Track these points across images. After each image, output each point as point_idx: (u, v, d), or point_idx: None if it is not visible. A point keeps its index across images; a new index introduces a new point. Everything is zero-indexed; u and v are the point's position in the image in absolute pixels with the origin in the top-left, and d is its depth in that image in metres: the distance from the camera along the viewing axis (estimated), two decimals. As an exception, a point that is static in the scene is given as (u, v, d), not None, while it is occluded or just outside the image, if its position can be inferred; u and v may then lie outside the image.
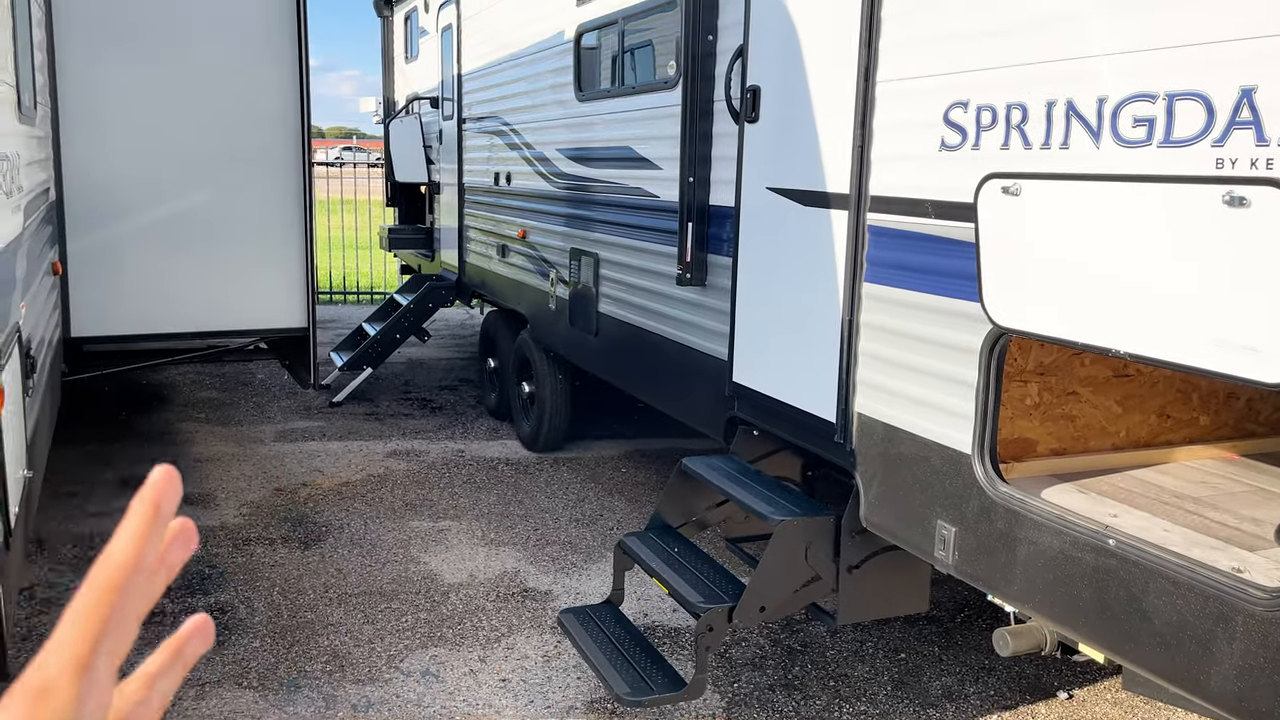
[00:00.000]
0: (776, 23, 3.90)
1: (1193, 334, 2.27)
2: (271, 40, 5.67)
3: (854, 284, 3.50)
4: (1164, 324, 2.34)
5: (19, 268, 3.11)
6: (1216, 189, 2.15)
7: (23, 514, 3.05)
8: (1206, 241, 2.22)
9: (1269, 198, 2.05)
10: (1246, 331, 2.15)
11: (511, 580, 5.22)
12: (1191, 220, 2.23)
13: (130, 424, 7.94)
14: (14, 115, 3.23)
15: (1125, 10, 2.47)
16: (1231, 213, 2.13)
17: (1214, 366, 2.23)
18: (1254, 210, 2.08)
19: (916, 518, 3.27)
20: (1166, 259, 2.32)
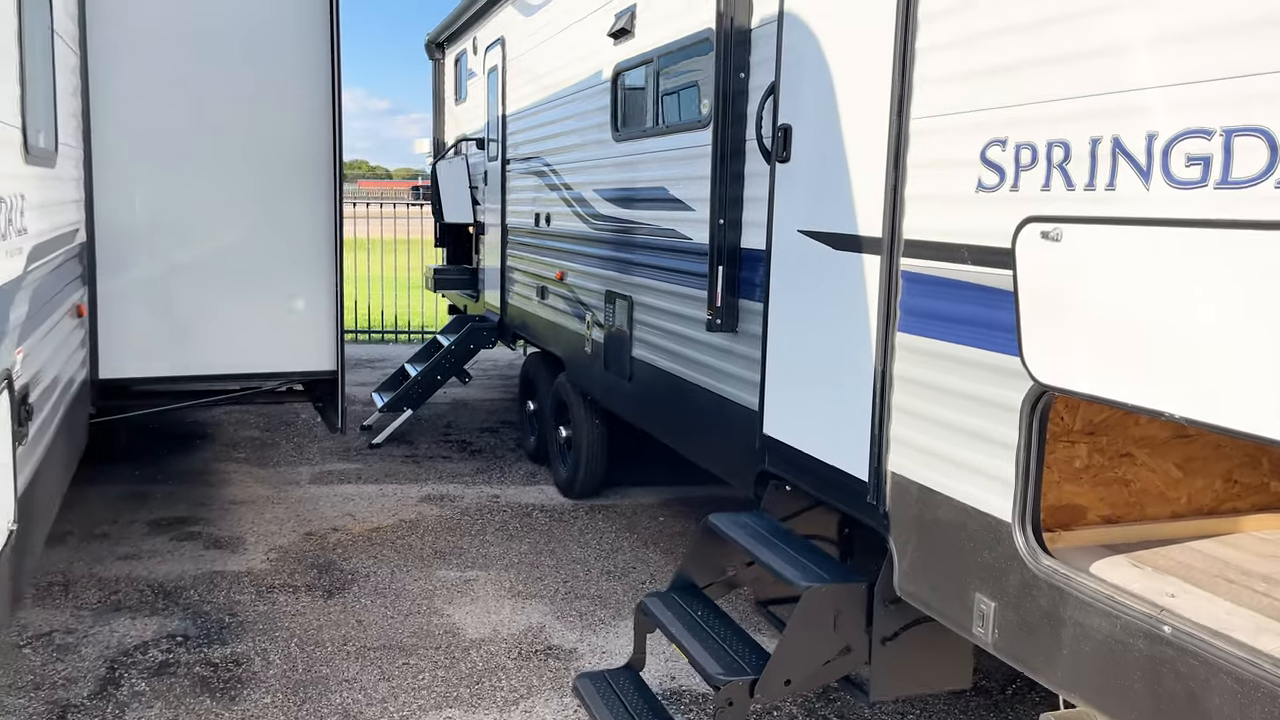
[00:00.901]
0: (808, 58, 3.72)
1: (1255, 398, 2.00)
2: (305, 85, 5.64)
3: (887, 333, 3.27)
4: (1222, 386, 2.08)
5: (15, 313, 3.03)
6: (1273, 235, 1.90)
7: (7, 568, 2.93)
8: (1268, 294, 1.96)
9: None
10: (1317, 397, 1.89)
11: (535, 636, 5.01)
12: (1252, 270, 1.98)
13: (170, 463, 7.93)
14: (19, 156, 3.16)
15: (1176, 39, 2.24)
16: (1297, 262, 1.87)
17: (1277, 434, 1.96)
18: (1324, 260, 1.83)
19: (953, 589, 3.00)
20: (1224, 313, 2.06)
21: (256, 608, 5.32)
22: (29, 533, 3.21)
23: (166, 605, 5.31)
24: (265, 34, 5.63)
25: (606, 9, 5.91)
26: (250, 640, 4.93)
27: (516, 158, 8.00)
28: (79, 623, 5.09)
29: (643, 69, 5.42)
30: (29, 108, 3.23)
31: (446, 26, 10.48)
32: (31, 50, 3.36)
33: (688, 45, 4.85)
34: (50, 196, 3.87)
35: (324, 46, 5.66)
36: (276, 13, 5.64)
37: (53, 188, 3.94)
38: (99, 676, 4.53)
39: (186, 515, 6.73)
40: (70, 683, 4.46)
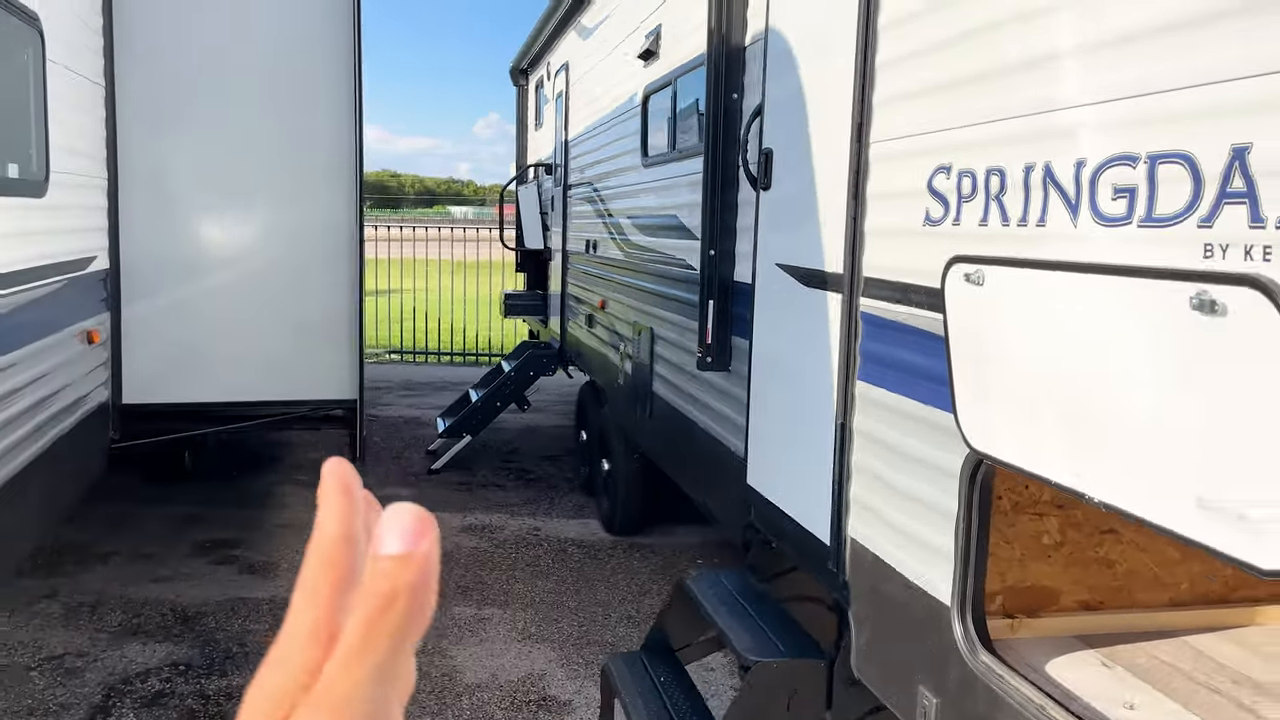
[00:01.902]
0: (788, 77, 3.41)
1: (1172, 488, 1.62)
2: (328, 116, 5.64)
3: (847, 381, 2.93)
4: (1139, 469, 1.69)
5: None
6: (1185, 287, 1.52)
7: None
8: (1179, 360, 1.57)
9: (1250, 304, 1.40)
10: (1233, 491, 1.49)
11: (534, 685, 4.79)
12: (1160, 329, 1.60)
13: (232, 485, 8.06)
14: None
15: (1102, 45, 1.87)
16: (1203, 321, 1.49)
17: (1198, 536, 1.57)
18: (1231, 320, 1.44)
19: (901, 677, 2.63)
20: (1135, 380, 1.68)
21: (267, 639, 5.20)
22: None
23: (182, 632, 5.32)
24: (290, 67, 5.65)
25: (639, 31, 5.70)
26: (248, 673, 4.82)
27: (574, 183, 7.87)
28: (93, 646, 5.14)
29: (666, 91, 5.19)
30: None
31: (525, 53, 10.48)
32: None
33: (696, 66, 4.58)
34: (31, 226, 3.90)
35: (347, 78, 5.65)
36: (301, 46, 5.65)
37: (36, 218, 3.98)
38: (93, 704, 4.54)
39: (231, 538, 6.78)
40: (64, 709, 4.48)
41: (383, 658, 0.40)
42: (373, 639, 0.39)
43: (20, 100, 3.81)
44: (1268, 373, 1.38)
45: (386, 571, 0.40)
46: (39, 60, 3.97)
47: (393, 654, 0.40)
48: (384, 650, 0.40)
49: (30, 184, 3.90)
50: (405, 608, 0.40)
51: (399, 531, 0.41)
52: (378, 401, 11.67)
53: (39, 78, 3.97)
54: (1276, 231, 1.48)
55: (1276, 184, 1.48)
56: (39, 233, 3.96)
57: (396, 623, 0.40)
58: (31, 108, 3.91)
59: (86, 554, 6.38)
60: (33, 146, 3.92)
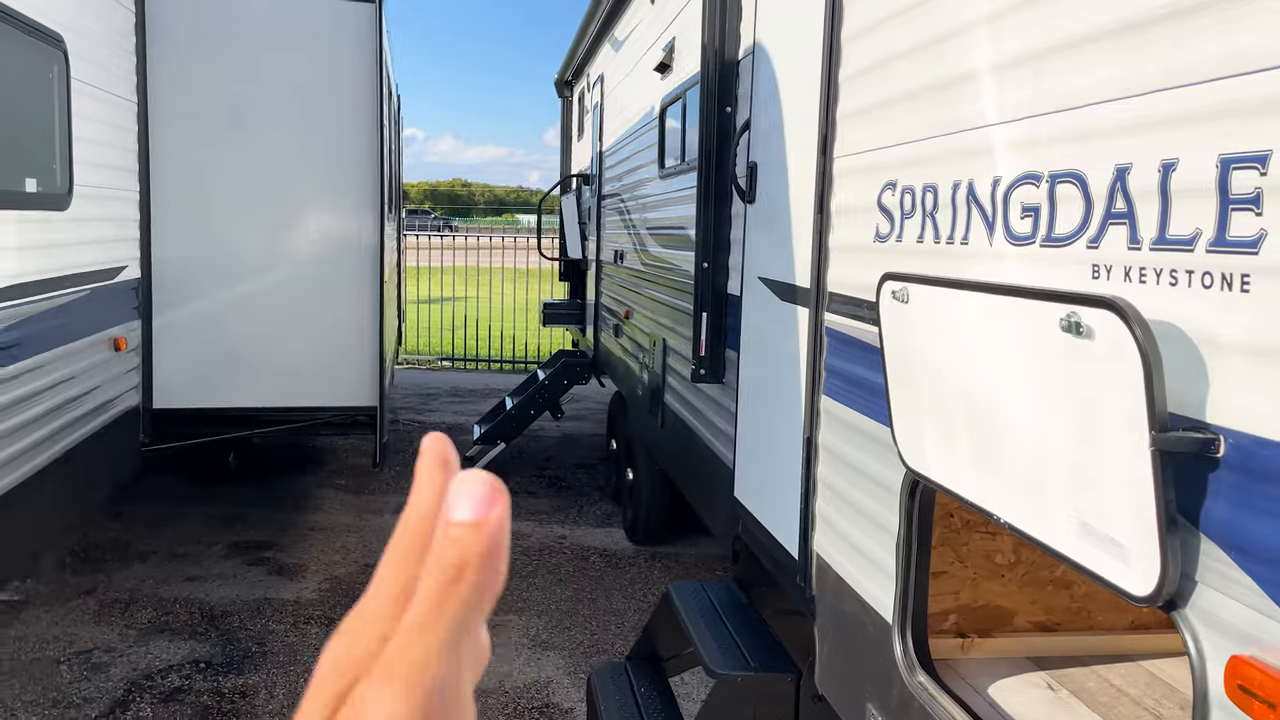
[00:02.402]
0: (769, 91, 3.42)
1: (1058, 511, 1.60)
2: (352, 132, 5.80)
3: (814, 396, 2.92)
4: (1032, 491, 1.68)
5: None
6: (1057, 309, 1.50)
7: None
8: (1054, 381, 1.56)
9: (1108, 326, 1.39)
10: (1104, 515, 1.48)
11: (539, 693, 4.83)
12: (1039, 350, 1.58)
13: (272, 487, 8.27)
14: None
15: (1009, 64, 1.85)
16: (1072, 343, 1.47)
17: (1080, 559, 1.55)
18: (1096, 343, 1.43)
19: (854, 694, 2.62)
20: (1022, 400, 1.67)
21: (286, 638, 5.41)
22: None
23: (207, 630, 5.48)
24: (316, 86, 5.82)
25: (658, 44, 5.74)
26: (265, 672, 5.01)
27: (606, 193, 7.93)
28: (121, 641, 5.33)
29: (678, 104, 5.21)
30: None
31: (568, 64, 10.59)
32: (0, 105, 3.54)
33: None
34: (53, 238, 4.08)
35: (371, 96, 5.79)
36: (327, 67, 5.82)
37: (59, 230, 4.16)
38: (114, 699, 4.70)
39: (265, 540, 6.97)
40: (86, 703, 4.65)
41: (453, 625, 0.39)
42: (444, 606, 0.38)
43: (43, 118, 4.00)
44: (1123, 396, 1.36)
45: (458, 538, 0.39)
46: (63, 79, 4.16)
47: (464, 622, 0.39)
48: (455, 618, 0.39)
49: (52, 197, 4.09)
50: (476, 575, 0.39)
51: (471, 498, 0.40)
52: (424, 408, 11.87)
53: (63, 96, 4.15)
54: (1150, 254, 1.46)
55: (1152, 205, 1.46)
56: (61, 244, 4.15)
57: (468, 590, 0.39)
58: (55, 125, 4.10)
59: (128, 552, 6.61)
60: (56, 162, 4.11)
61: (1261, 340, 1.26)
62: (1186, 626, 1.38)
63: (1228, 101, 1.32)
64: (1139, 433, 1.35)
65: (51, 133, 4.06)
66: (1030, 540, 1.70)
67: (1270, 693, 1.22)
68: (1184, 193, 1.40)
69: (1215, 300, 1.33)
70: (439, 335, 16.48)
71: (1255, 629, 1.27)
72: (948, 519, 2.51)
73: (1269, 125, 1.25)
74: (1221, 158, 1.32)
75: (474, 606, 0.39)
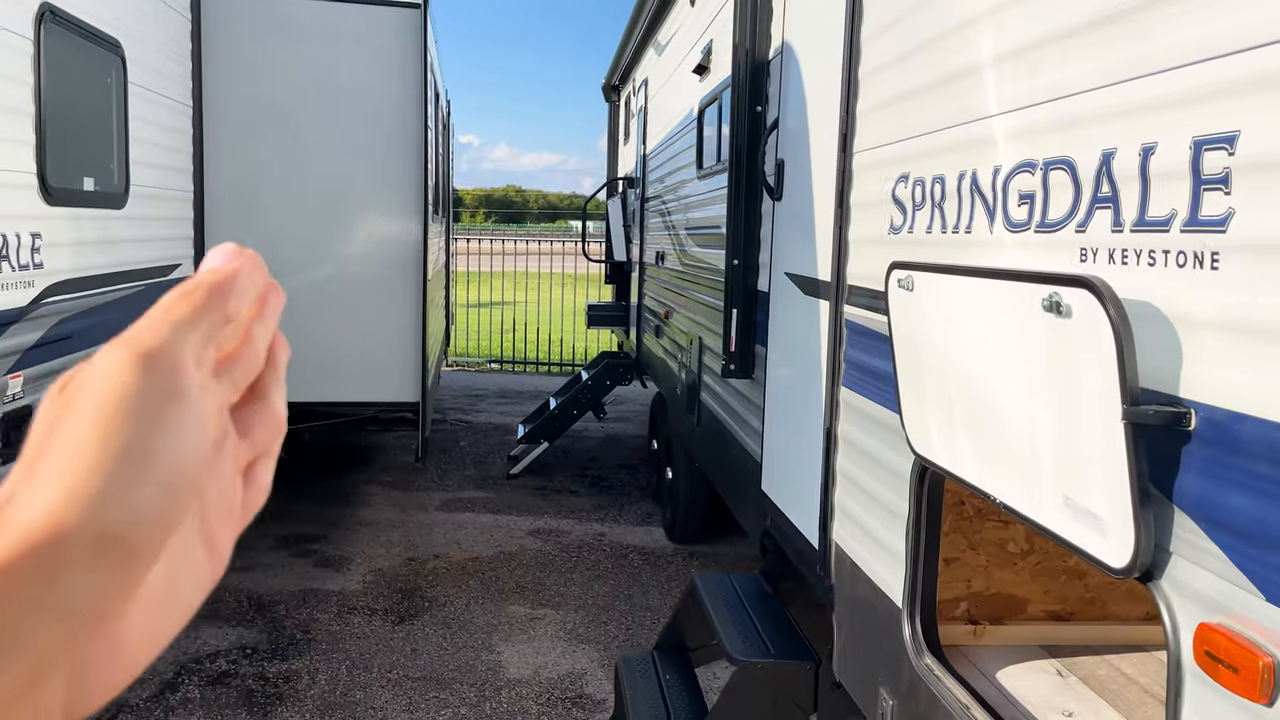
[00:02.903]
0: (796, 89, 3.48)
1: (1045, 486, 1.64)
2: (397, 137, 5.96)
3: (834, 387, 2.97)
4: (1021, 468, 1.72)
5: (12, 341, 3.35)
6: (1040, 290, 1.55)
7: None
8: (1040, 359, 1.60)
9: (1085, 305, 1.43)
10: (1085, 489, 1.52)
11: (572, 684, 4.92)
12: (1027, 330, 1.63)
13: (321, 483, 8.47)
14: (36, 200, 3.51)
15: (1012, 56, 1.90)
16: (1056, 323, 1.52)
17: (1065, 534, 1.59)
18: (1074, 321, 1.47)
19: (868, 679, 2.66)
20: (1012, 380, 1.71)
21: (330, 627, 5.55)
22: None
23: (254, 617, 5.65)
24: (363, 92, 5.99)
25: (696, 47, 5.82)
26: (309, 659, 5.15)
27: (649, 196, 8.02)
28: (173, 627, 5.51)
29: (715, 105, 5.28)
30: (50, 158, 3.58)
31: (614, 69, 10.70)
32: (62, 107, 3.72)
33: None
34: (110, 235, 4.27)
35: (416, 103, 5.95)
36: (373, 74, 5.98)
37: (116, 228, 4.34)
38: (163, 680, 4.88)
39: (313, 533, 7.15)
40: (138, 684, 4.83)
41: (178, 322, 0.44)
42: (173, 310, 0.44)
43: (102, 119, 4.19)
44: (1099, 372, 1.41)
45: (198, 275, 0.47)
46: (120, 83, 4.35)
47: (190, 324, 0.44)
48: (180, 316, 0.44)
49: (109, 196, 4.27)
50: (204, 295, 0.45)
51: (217, 256, 0.49)
52: (471, 408, 12.05)
53: (120, 99, 4.34)
54: (1131, 235, 1.50)
55: (1134, 189, 1.50)
56: (118, 241, 4.33)
57: (197, 301, 0.45)
58: (114, 126, 4.29)
59: (181, 543, 6.83)
60: (113, 162, 4.29)
61: (1230, 316, 1.30)
62: (1160, 596, 1.42)
63: (1200, 85, 1.36)
64: (1113, 406, 1.39)
65: (109, 134, 4.24)
66: (1022, 519, 1.74)
67: (1234, 658, 1.25)
68: (1162, 175, 1.44)
69: (1188, 278, 1.37)
70: (488, 338, 16.69)
71: (1223, 597, 1.31)
72: (959, 507, 2.55)
73: (1236, 106, 1.29)
74: (1195, 140, 1.36)
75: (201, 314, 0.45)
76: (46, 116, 3.53)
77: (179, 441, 0.43)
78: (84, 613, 0.40)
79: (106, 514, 0.41)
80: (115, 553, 0.41)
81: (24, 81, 3.45)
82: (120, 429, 0.41)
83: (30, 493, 0.41)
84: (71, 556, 0.40)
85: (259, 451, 0.53)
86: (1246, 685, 1.23)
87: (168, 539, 0.43)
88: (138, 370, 0.42)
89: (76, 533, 0.40)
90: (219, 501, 0.50)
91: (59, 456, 0.41)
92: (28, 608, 0.39)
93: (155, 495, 0.42)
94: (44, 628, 0.39)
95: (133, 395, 0.42)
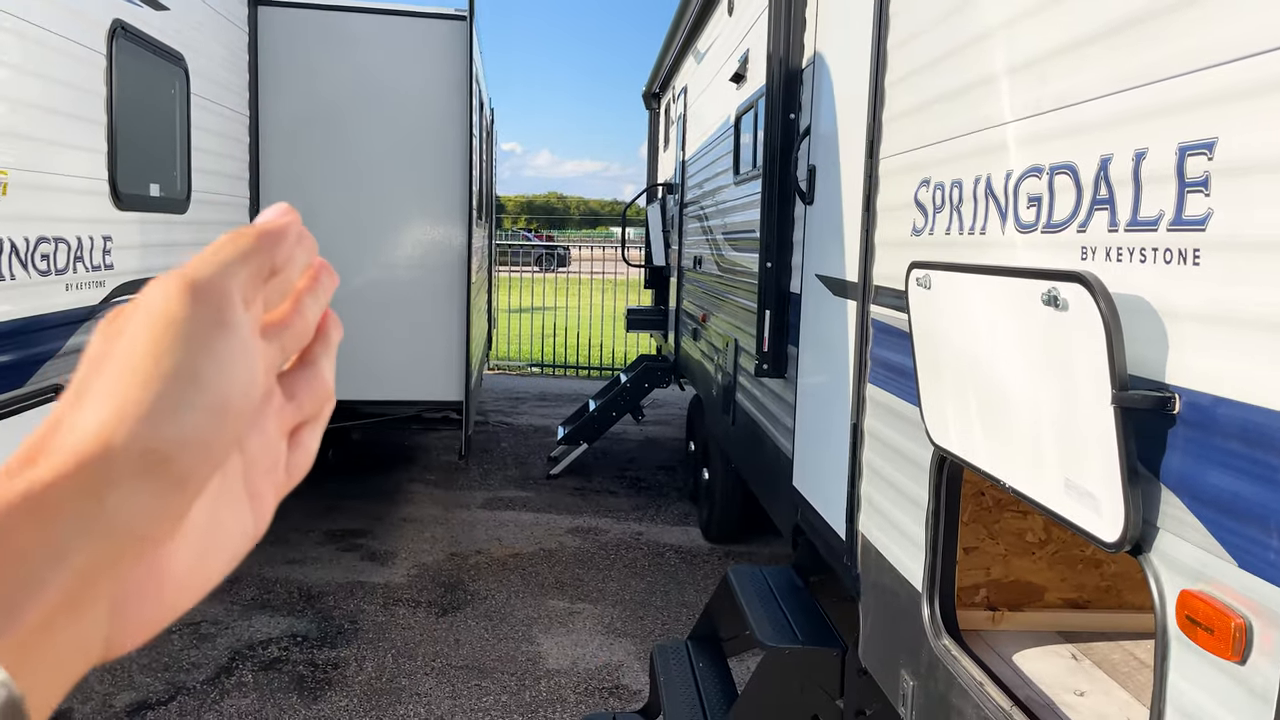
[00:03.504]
0: (826, 95, 3.60)
1: (1048, 470, 1.76)
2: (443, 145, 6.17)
3: (860, 384, 3.09)
4: (1027, 454, 1.84)
5: (80, 336, 3.57)
6: (1041, 285, 1.67)
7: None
8: (1041, 352, 1.72)
9: (1079, 298, 1.55)
10: (1082, 471, 1.63)
11: (609, 675, 5.06)
12: (1029, 323, 1.74)
13: (367, 481, 8.70)
14: (107, 205, 3.74)
15: (1023, 67, 2.02)
16: (1054, 316, 1.64)
17: (1066, 514, 1.71)
18: (1070, 314, 1.59)
19: (890, 662, 2.77)
20: (1019, 372, 1.83)
21: (376, 618, 5.75)
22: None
23: (304, 607, 5.86)
24: (410, 103, 6.21)
25: (734, 55, 5.95)
26: (355, 647, 5.35)
27: (688, 201, 8.16)
28: (227, 615, 5.74)
29: (751, 112, 5.41)
30: (121, 165, 3.80)
31: (655, 77, 10.86)
32: (131, 117, 3.95)
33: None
34: (174, 238, 4.50)
35: (461, 114, 6.15)
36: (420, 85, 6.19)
37: (179, 232, 4.58)
38: (219, 665, 5.09)
39: (359, 528, 7.37)
40: (194, 668, 5.05)
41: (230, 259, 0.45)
42: (224, 250, 0.46)
43: (166, 129, 4.42)
44: (1092, 360, 1.52)
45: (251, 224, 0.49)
46: (184, 94, 4.58)
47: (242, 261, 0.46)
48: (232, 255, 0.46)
49: (172, 202, 4.51)
50: (254, 238, 0.47)
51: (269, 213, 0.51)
52: (513, 410, 12.26)
53: (183, 109, 4.58)
54: (1125, 234, 1.62)
55: (1127, 191, 1.62)
56: (181, 244, 4.56)
57: (246, 243, 0.47)
58: (177, 135, 4.52)
59: (233, 537, 7.08)
60: (176, 169, 4.53)
61: (1208, 308, 1.42)
62: (1149, 568, 1.53)
63: (1185, 96, 1.48)
64: (1104, 392, 1.51)
65: (173, 143, 4.48)
66: (1030, 502, 1.85)
67: (1209, 619, 1.37)
68: (1151, 179, 1.55)
69: (1173, 274, 1.48)
70: (530, 343, 16.92)
71: (1201, 565, 1.42)
72: (979, 497, 2.66)
73: (1215, 114, 1.40)
74: (1180, 145, 1.48)
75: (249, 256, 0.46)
76: (117, 126, 3.76)
77: (226, 370, 0.43)
78: (130, 533, 0.40)
79: (155, 432, 0.41)
80: (163, 474, 0.41)
81: (97, 93, 3.67)
82: (169, 352, 0.42)
83: (78, 415, 0.41)
84: (120, 474, 0.40)
85: (305, 416, 0.53)
86: (1221, 645, 1.34)
87: (213, 470, 0.44)
88: (186, 298, 0.43)
89: (125, 449, 0.40)
90: (263, 459, 0.50)
91: (107, 379, 0.42)
92: (75, 524, 0.38)
93: (203, 419, 0.42)
94: (90, 545, 0.39)
95: (181, 321, 0.42)
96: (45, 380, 3.29)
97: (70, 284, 3.44)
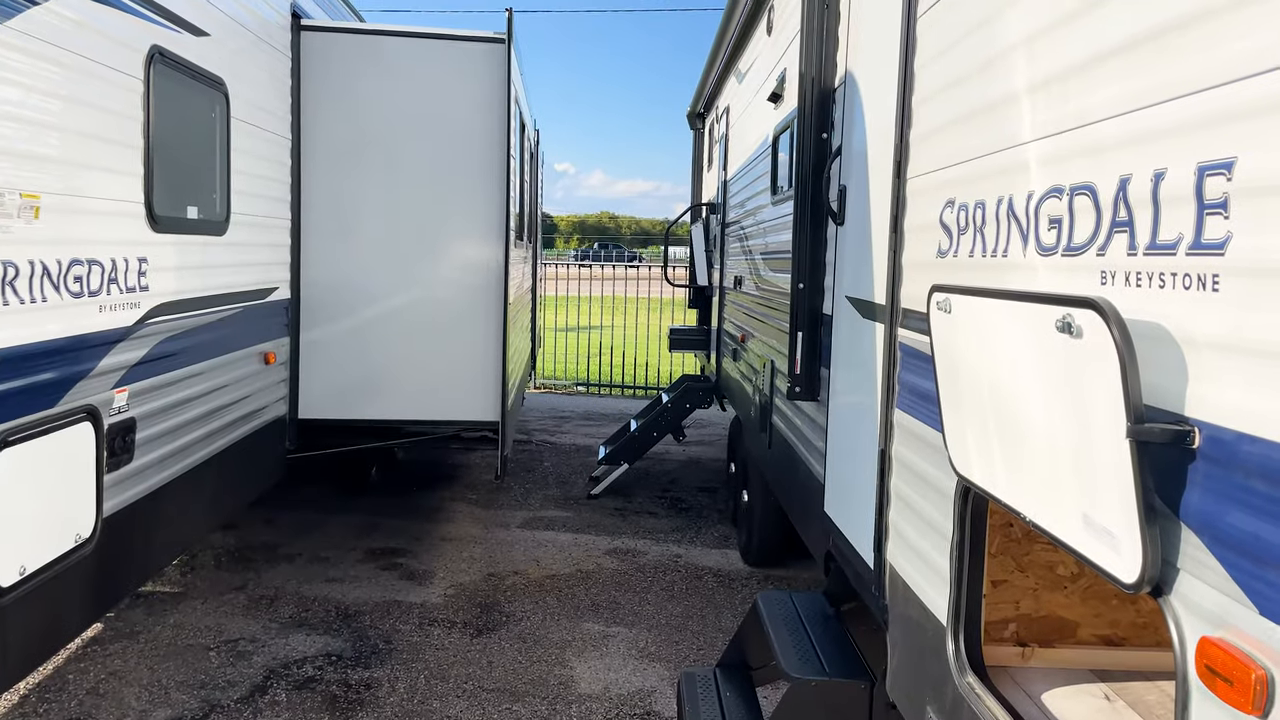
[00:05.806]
0: (856, 116, 3.54)
1: (1067, 504, 1.68)
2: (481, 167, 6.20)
3: (888, 409, 3.02)
4: (1046, 486, 1.76)
5: (118, 358, 3.62)
6: (1053, 311, 1.60)
7: (83, 573, 3.47)
8: (1057, 381, 1.64)
9: (1092, 325, 1.48)
10: (1099, 506, 1.56)
11: (641, 701, 4.99)
12: (1046, 352, 1.67)
13: (408, 499, 8.74)
14: (143, 228, 3.79)
15: (1044, 85, 1.95)
16: (1069, 343, 1.56)
17: (1085, 551, 1.63)
18: (1085, 342, 1.52)
19: (917, 698, 2.68)
20: (1037, 401, 1.75)
21: (411, 638, 5.74)
22: (117, 549, 3.76)
23: (340, 626, 5.88)
24: (449, 125, 6.25)
25: (772, 75, 5.91)
26: (389, 667, 5.34)
27: (729, 221, 8.11)
28: (265, 633, 5.77)
29: (788, 132, 5.36)
30: (157, 188, 3.86)
31: (699, 97, 10.85)
32: (169, 141, 4.02)
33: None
34: (211, 260, 4.56)
35: (499, 135, 6.18)
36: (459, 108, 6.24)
37: (216, 254, 4.64)
38: (254, 684, 5.11)
39: (399, 547, 7.39)
40: (230, 685, 5.08)
41: None
42: None
43: (205, 152, 4.49)
44: (1108, 390, 1.45)
45: None
46: (224, 118, 4.65)
47: None
48: None
49: (211, 224, 4.57)
50: None
51: None
52: (557, 429, 12.26)
53: (223, 133, 4.65)
54: (1144, 258, 1.54)
55: (1146, 213, 1.54)
56: (219, 266, 4.62)
57: None
58: (216, 159, 4.59)
59: (275, 554, 7.14)
60: (216, 192, 4.59)
61: (1229, 337, 1.34)
62: (1169, 612, 1.45)
63: (1204, 112, 1.41)
64: (1119, 424, 1.43)
65: (212, 166, 4.55)
66: (1050, 536, 1.77)
67: (1229, 670, 1.28)
68: (1170, 200, 1.48)
69: (1193, 300, 1.41)
70: (576, 362, 16.95)
71: (1222, 611, 1.33)
72: (1007, 528, 2.57)
73: (1233, 132, 1.33)
74: (1199, 165, 1.41)
75: None
76: (154, 150, 3.82)
77: None
78: None
79: None
80: None
81: (134, 118, 3.73)
82: None
83: None
84: None
85: None
86: (1241, 698, 1.26)
87: None
88: None
89: None
90: None
91: None
92: None
93: None
94: None
95: None
96: (78, 400, 3.33)
97: (104, 305, 3.49)
